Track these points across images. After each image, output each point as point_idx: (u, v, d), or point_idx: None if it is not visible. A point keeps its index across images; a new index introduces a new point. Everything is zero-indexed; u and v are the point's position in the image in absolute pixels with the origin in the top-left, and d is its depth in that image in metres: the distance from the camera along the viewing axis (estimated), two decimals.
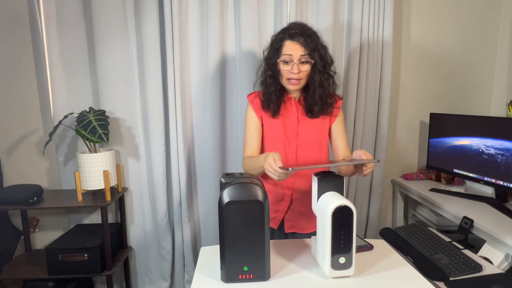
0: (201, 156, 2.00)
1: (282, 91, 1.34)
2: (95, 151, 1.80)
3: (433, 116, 2.14)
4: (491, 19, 2.24)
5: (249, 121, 1.38)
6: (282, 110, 1.34)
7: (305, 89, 1.34)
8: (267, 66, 1.32)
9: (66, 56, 1.86)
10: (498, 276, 1.19)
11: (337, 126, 1.39)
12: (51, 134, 1.76)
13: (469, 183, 2.12)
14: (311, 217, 1.39)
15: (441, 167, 2.10)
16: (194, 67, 1.91)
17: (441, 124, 2.09)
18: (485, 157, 1.83)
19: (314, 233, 1.43)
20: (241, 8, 1.85)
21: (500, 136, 1.76)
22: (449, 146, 2.04)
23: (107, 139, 1.75)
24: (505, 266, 1.45)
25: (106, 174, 1.78)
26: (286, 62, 1.26)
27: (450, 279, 1.19)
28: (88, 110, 1.84)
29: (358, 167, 1.14)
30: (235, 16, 1.88)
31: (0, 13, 1.86)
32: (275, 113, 1.33)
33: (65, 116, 1.80)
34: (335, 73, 1.35)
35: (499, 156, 1.76)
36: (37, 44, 1.87)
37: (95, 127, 1.74)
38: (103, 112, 1.83)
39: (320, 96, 1.29)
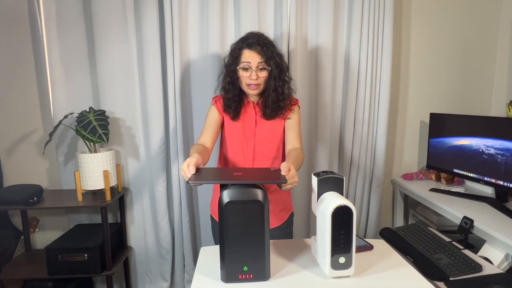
0: None
1: (241, 96, 1.43)
2: (95, 151, 1.80)
3: (433, 116, 2.14)
4: (491, 19, 2.24)
5: (210, 115, 1.46)
6: (242, 113, 1.43)
7: (263, 93, 1.43)
8: (227, 73, 1.41)
9: (66, 56, 1.86)
10: (498, 276, 1.19)
11: (290, 121, 1.45)
12: (51, 134, 1.75)
13: (469, 183, 2.12)
14: (274, 209, 1.41)
15: (441, 167, 2.10)
16: (194, 66, 1.91)
17: (441, 124, 2.09)
18: (485, 157, 1.83)
19: (276, 228, 1.47)
20: (241, 8, 1.85)
21: (500, 136, 1.76)
22: (449, 146, 2.04)
23: (107, 139, 1.75)
24: (505, 266, 1.45)
25: (106, 174, 1.78)
26: (245, 69, 1.35)
27: (450, 279, 1.19)
28: (88, 110, 1.84)
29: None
30: (235, 16, 1.87)
31: (0, 13, 1.86)
32: (235, 116, 1.42)
33: (65, 116, 1.80)
34: (290, 79, 1.44)
35: (499, 156, 1.76)
36: (37, 44, 1.87)
37: (95, 127, 1.74)
38: (103, 112, 1.83)
39: (273, 100, 1.38)
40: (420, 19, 2.20)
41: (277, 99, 1.38)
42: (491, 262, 1.35)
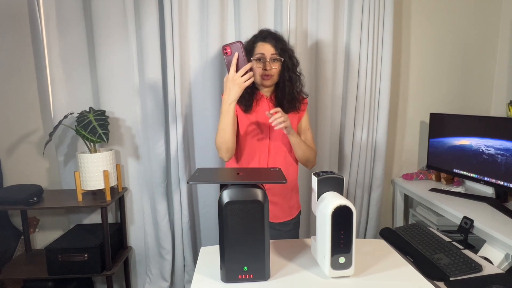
0: (201, 156, 2.00)
1: (254, 89, 1.45)
2: (95, 151, 1.80)
3: (433, 116, 2.14)
4: (491, 19, 2.24)
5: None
6: (255, 106, 1.46)
7: (276, 88, 1.47)
8: None
9: (66, 56, 1.86)
10: (498, 276, 1.19)
11: (303, 125, 1.52)
12: (51, 134, 1.75)
13: (469, 183, 2.12)
14: (283, 204, 1.50)
15: (441, 167, 2.10)
16: (194, 66, 1.91)
17: (441, 124, 2.09)
18: (485, 157, 1.83)
19: (285, 223, 1.50)
20: (241, 8, 1.85)
21: (500, 136, 1.76)
22: (449, 146, 2.04)
23: (107, 139, 1.75)
24: (505, 266, 1.45)
25: (106, 174, 1.78)
26: (259, 60, 1.39)
27: (450, 279, 1.19)
28: (88, 110, 1.84)
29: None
30: (235, 15, 1.88)
31: (0, 13, 1.86)
32: (246, 109, 1.45)
33: (65, 116, 1.80)
34: (300, 73, 1.48)
35: (499, 156, 1.76)
36: (37, 44, 1.87)
37: (95, 127, 1.74)
38: (103, 112, 1.83)
39: (289, 91, 1.43)
40: (420, 19, 2.20)
41: (292, 90, 1.43)
42: (491, 262, 1.35)
